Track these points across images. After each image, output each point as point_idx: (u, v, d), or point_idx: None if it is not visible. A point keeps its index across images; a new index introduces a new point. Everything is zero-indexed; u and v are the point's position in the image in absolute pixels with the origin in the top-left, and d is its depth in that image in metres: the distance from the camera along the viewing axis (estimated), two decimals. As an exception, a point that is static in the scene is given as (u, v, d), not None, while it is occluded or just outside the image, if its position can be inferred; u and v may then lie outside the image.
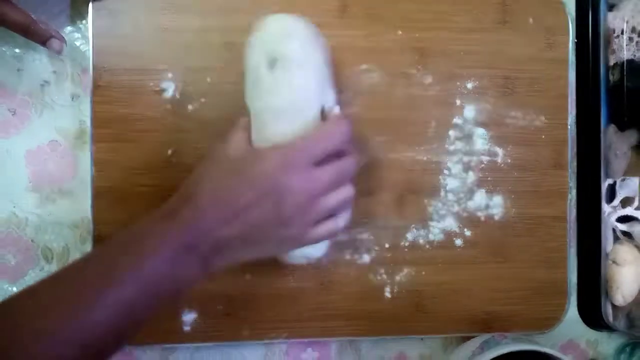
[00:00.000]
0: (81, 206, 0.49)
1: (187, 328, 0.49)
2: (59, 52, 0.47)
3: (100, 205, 0.48)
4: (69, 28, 0.50)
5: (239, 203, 0.37)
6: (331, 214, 0.41)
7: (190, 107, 0.49)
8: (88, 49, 0.48)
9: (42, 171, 0.49)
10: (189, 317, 0.49)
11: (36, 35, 0.46)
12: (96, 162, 0.48)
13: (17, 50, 0.49)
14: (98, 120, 0.48)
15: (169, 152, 0.48)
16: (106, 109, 0.48)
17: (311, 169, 0.38)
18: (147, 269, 0.35)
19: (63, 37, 0.47)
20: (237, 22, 0.48)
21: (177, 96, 0.48)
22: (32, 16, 0.45)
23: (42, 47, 0.47)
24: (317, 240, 0.41)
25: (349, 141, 0.40)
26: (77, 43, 0.50)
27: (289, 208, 0.37)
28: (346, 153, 0.40)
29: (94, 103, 0.48)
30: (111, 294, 0.34)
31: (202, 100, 0.49)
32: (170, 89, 0.48)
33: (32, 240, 0.49)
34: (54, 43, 0.46)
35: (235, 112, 0.48)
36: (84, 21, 0.49)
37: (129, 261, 0.36)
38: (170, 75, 0.48)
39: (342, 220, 0.42)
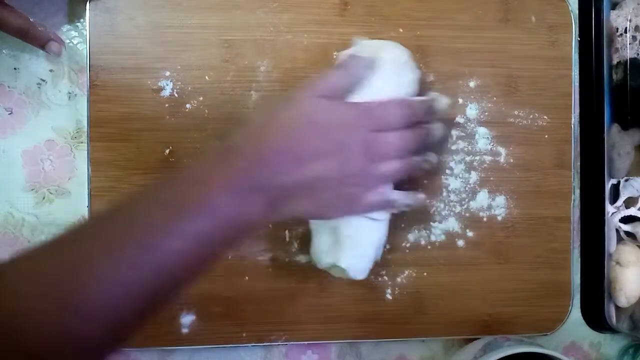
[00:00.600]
0: (78, 206, 0.49)
1: (185, 330, 0.48)
2: (58, 55, 0.47)
3: (97, 205, 0.47)
4: (66, 26, 0.49)
5: (310, 152, 0.37)
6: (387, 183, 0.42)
7: (188, 105, 0.48)
8: (85, 47, 0.48)
9: (38, 171, 0.49)
10: (187, 319, 0.48)
11: (35, 39, 0.46)
12: (93, 162, 0.47)
13: (13, 49, 0.48)
14: (95, 120, 0.47)
15: (167, 151, 0.48)
16: (103, 108, 0.47)
17: (373, 134, 0.39)
18: (218, 202, 0.34)
19: (61, 40, 0.47)
20: (236, 20, 0.48)
21: (175, 95, 0.48)
22: (30, 19, 0.45)
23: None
24: (369, 208, 0.42)
25: (415, 118, 0.42)
26: (74, 41, 0.49)
27: (352, 166, 0.39)
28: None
29: (90, 102, 0.47)
30: (184, 226, 0.33)
31: (201, 98, 0.48)
32: (167, 88, 0.48)
33: (28, 241, 0.49)
34: (53, 46, 0.46)
35: (234, 110, 0.48)
36: (81, 19, 0.49)
37: (199, 194, 0.34)
38: (167, 73, 0.48)
39: (395, 194, 0.42)
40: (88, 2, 0.47)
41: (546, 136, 0.52)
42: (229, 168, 0.36)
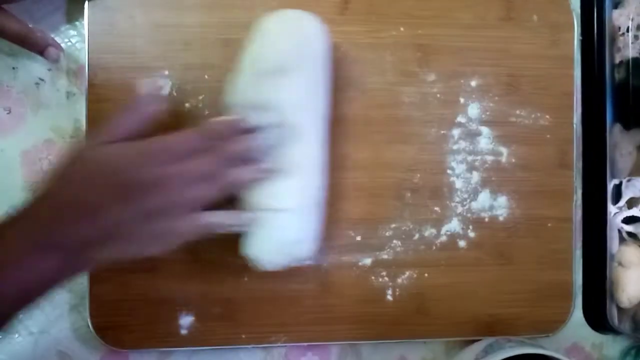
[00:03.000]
0: (76, 207, 0.48)
1: (184, 332, 0.48)
2: (56, 62, 0.47)
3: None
4: (64, 25, 0.49)
5: (91, 203, 0.37)
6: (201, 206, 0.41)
7: (187, 105, 0.48)
8: (84, 46, 0.47)
9: (37, 171, 0.49)
10: (186, 321, 0.48)
11: (33, 45, 0.46)
12: None
13: (11, 48, 0.48)
14: (93, 119, 0.47)
15: (166, 151, 0.48)
16: (102, 108, 0.47)
17: (164, 163, 0.39)
18: (9, 263, 0.36)
19: (60, 46, 0.47)
20: (235, 18, 0.48)
21: (174, 94, 0.48)
22: (29, 25, 0.45)
23: None
24: (184, 236, 0.40)
25: (214, 139, 0.41)
26: (73, 40, 0.49)
27: (148, 203, 0.38)
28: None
29: (89, 101, 0.47)
30: None
31: (200, 97, 0.48)
32: (166, 87, 0.48)
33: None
34: (51, 52, 0.46)
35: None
36: (79, 18, 0.49)
37: None
38: (166, 72, 0.48)
39: (208, 216, 0.41)
40: (87, 1, 0.47)
41: (548, 136, 0.52)
42: (19, 230, 0.36)
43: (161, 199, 0.39)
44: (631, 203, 0.54)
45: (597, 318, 0.53)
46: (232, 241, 0.44)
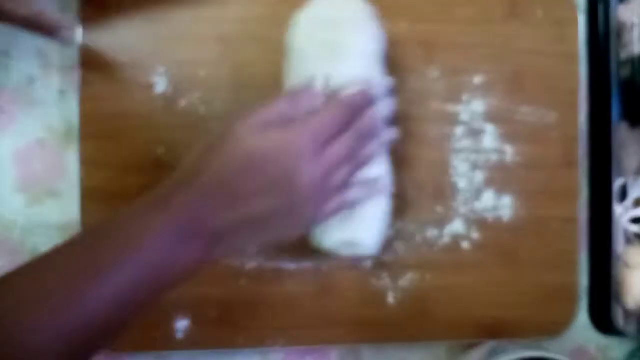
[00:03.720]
0: (70, 207, 0.48)
1: (180, 335, 0.48)
2: (71, 43, 0.45)
3: (88, 206, 0.47)
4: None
5: (245, 190, 0.36)
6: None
7: (182, 102, 0.48)
8: (76, 44, 0.47)
9: (29, 171, 0.49)
10: (182, 324, 0.48)
11: (45, 28, 0.44)
12: (84, 162, 0.47)
13: (3, 46, 0.48)
14: (86, 118, 0.47)
15: (160, 150, 0.48)
16: (94, 106, 0.47)
17: (318, 152, 0.37)
18: (146, 253, 0.34)
19: (72, 24, 0.45)
20: (231, 13, 0.48)
21: (169, 91, 0.48)
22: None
23: (29, 42, 0.46)
24: (326, 219, 0.41)
25: (354, 115, 0.40)
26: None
27: (298, 196, 0.37)
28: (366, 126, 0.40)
29: (81, 100, 0.47)
30: (109, 279, 0.33)
31: (196, 95, 0.48)
32: (161, 84, 0.48)
33: (20, 243, 0.49)
34: (65, 34, 0.44)
35: (230, 107, 0.48)
36: (72, 15, 0.48)
37: (127, 245, 0.34)
38: (161, 69, 0.48)
39: (352, 193, 0.41)
40: (79, -3, 0.47)
41: (553, 134, 0.52)
42: (160, 216, 0.35)
43: (310, 190, 0.37)
44: (637, 202, 0.53)
45: (603, 320, 0.53)
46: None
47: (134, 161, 0.47)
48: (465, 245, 0.50)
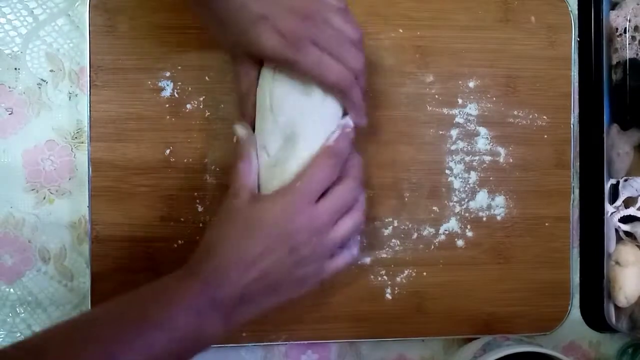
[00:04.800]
0: (78, 206, 0.49)
1: (185, 330, 0.48)
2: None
3: (97, 205, 0.47)
4: (66, 27, 0.49)
5: (255, 254, 0.38)
6: (344, 243, 0.42)
7: (188, 106, 0.48)
8: (85, 47, 0.47)
9: (39, 171, 0.49)
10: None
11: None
12: (93, 162, 0.47)
13: (14, 49, 0.48)
14: (95, 120, 0.47)
15: (167, 151, 0.48)
16: (103, 108, 0.47)
17: (312, 206, 0.39)
18: (176, 320, 0.36)
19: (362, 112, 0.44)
20: None
21: (175, 95, 0.48)
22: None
23: (39, 46, 0.46)
24: (335, 272, 0.43)
25: (341, 165, 0.41)
26: (75, 41, 0.49)
27: (300, 249, 0.39)
28: (348, 173, 0.42)
29: (91, 102, 0.47)
30: (140, 344, 0.35)
31: (201, 99, 0.48)
32: (168, 88, 0.48)
33: (29, 241, 0.49)
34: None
35: (234, 111, 0.48)
36: (81, 19, 0.49)
37: (159, 312, 0.36)
38: (168, 74, 0.48)
39: (355, 246, 0.44)
40: (88, 2, 0.47)
41: (545, 136, 0.52)
42: (188, 287, 0.37)
43: (313, 246, 0.40)
44: (628, 202, 0.54)
45: (595, 316, 0.53)
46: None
47: (142, 161, 0.47)
48: (460, 243, 0.51)
